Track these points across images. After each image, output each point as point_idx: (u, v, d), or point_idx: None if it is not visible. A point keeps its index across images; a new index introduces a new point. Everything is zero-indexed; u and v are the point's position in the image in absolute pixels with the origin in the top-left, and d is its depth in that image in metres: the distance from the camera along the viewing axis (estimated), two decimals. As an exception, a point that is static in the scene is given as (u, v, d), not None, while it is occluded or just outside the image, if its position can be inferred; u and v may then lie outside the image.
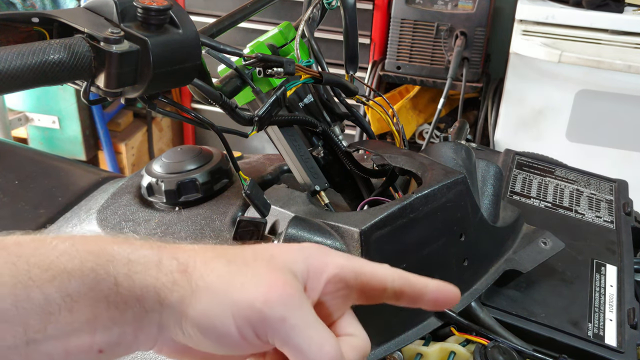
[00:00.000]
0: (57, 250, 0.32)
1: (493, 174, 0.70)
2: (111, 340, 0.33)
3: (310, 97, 0.74)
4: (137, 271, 0.33)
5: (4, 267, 0.31)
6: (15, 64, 0.46)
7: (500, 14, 2.24)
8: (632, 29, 1.77)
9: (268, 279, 0.34)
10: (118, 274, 0.33)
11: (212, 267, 0.35)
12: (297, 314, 0.33)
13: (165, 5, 0.51)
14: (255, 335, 0.33)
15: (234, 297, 0.33)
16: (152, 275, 0.33)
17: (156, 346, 0.35)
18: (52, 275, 0.31)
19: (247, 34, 1.97)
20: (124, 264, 0.33)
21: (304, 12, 0.74)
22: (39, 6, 1.98)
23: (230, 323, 0.33)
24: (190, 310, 0.33)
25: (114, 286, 0.32)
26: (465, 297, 0.61)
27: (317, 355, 0.33)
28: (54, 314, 0.31)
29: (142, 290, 0.33)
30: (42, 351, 0.31)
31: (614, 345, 0.60)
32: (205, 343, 0.34)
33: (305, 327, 0.33)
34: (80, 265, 0.32)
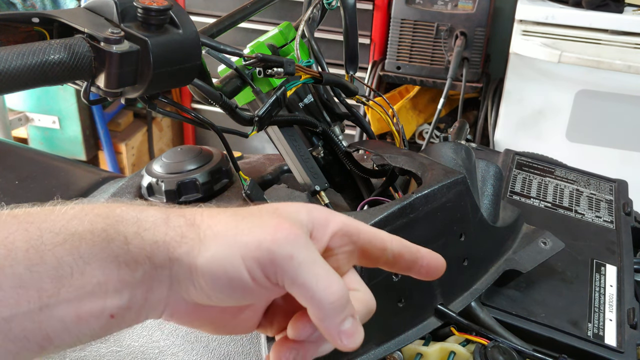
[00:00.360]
0: (67, 215, 0.33)
1: (493, 174, 0.70)
2: (122, 304, 0.33)
3: (310, 97, 0.74)
4: (146, 228, 0.34)
5: (16, 233, 0.31)
6: (16, 64, 0.46)
7: (500, 14, 2.24)
8: (632, 29, 1.78)
9: (274, 223, 0.35)
10: (128, 232, 0.33)
11: (218, 219, 0.35)
12: (305, 252, 0.34)
13: (166, 6, 0.51)
14: (265, 277, 0.34)
15: (242, 240, 0.34)
16: (161, 232, 0.34)
17: (165, 311, 0.36)
18: (63, 238, 0.32)
19: (247, 34, 1.97)
20: (133, 223, 0.34)
21: (304, 12, 0.74)
22: (39, 6, 1.98)
23: (240, 264, 0.33)
24: (200, 259, 0.33)
25: (124, 245, 0.33)
26: (465, 297, 0.61)
27: (325, 291, 0.33)
28: (67, 277, 0.32)
29: (152, 247, 0.33)
30: (55, 317, 0.32)
31: (614, 345, 0.60)
32: (216, 293, 0.34)
33: (313, 265, 0.34)
34: (90, 227, 0.33)
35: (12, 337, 0.31)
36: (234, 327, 0.39)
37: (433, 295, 0.59)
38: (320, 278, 0.34)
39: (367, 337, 0.54)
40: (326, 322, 0.34)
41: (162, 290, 0.34)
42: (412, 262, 0.39)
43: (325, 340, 0.36)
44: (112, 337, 0.61)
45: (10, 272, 0.30)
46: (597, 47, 1.80)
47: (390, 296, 0.55)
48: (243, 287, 0.34)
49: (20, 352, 0.32)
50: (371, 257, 0.39)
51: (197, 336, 0.58)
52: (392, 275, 0.54)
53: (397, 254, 0.38)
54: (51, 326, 0.32)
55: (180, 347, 0.58)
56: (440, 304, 0.59)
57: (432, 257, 0.40)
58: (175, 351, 0.58)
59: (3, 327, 0.30)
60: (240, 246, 0.34)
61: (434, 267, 0.40)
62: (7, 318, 0.30)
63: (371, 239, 0.38)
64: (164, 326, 0.60)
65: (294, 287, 0.34)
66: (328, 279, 0.34)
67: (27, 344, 0.32)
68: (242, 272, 0.33)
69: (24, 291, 0.31)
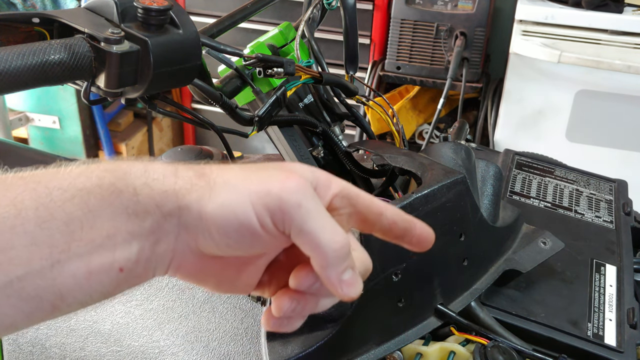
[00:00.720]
0: (74, 173, 0.33)
1: (493, 174, 0.70)
2: (130, 257, 0.34)
3: (310, 97, 0.74)
4: (154, 178, 0.34)
5: (24, 193, 0.31)
6: (16, 64, 0.46)
7: (500, 14, 2.24)
8: (631, 29, 1.78)
9: (284, 174, 0.36)
10: (136, 184, 0.34)
11: (228, 170, 0.36)
12: (312, 202, 0.35)
13: (166, 6, 0.51)
14: (273, 224, 0.34)
15: (252, 188, 0.35)
16: (170, 181, 0.34)
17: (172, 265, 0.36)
18: (72, 194, 0.32)
19: (247, 34, 1.97)
20: (141, 175, 0.34)
21: (304, 12, 0.74)
22: (39, 6, 1.98)
23: (250, 211, 0.34)
24: (210, 205, 0.34)
25: (134, 196, 0.33)
26: (465, 297, 0.61)
27: (330, 239, 0.34)
28: (77, 231, 0.32)
29: (161, 196, 0.34)
30: (67, 273, 0.32)
31: (614, 345, 0.60)
32: (225, 240, 0.34)
33: (319, 215, 0.35)
34: (98, 182, 0.33)
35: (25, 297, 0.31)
36: (235, 284, 0.39)
37: (433, 295, 0.59)
38: (326, 227, 0.35)
39: (367, 337, 0.54)
40: (328, 270, 0.35)
41: (169, 241, 0.35)
42: (405, 230, 0.40)
43: (324, 294, 0.37)
44: (112, 337, 0.62)
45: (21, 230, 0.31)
46: (597, 47, 1.80)
47: (390, 296, 0.55)
48: (251, 235, 0.35)
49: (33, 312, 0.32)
50: (368, 222, 0.40)
51: (197, 336, 0.58)
52: (392, 275, 0.54)
53: (392, 221, 0.40)
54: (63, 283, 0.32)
55: (180, 347, 0.58)
56: (440, 304, 0.59)
57: (424, 229, 0.41)
58: (175, 351, 0.58)
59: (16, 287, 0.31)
60: (250, 193, 0.34)
61: (424, 237, 0.41)
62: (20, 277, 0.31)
63: (368, 204, 0.39)
64: (164, 326, 0.60)
65: (300, 235, 0.35)
66: (333, 229, 0.35)
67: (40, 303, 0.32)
68: (252, 218, 0.34)
69: (36, 248, 0.31)
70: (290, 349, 0.50)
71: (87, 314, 0.63)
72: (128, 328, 0.61)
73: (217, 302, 0.59)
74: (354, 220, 0.40)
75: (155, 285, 0.62)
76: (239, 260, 0.38)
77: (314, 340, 0.50)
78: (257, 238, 0.35)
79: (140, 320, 0.61)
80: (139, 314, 0.61)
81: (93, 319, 0.63)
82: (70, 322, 0.64)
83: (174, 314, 0.60)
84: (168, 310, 0.60)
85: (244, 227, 0.34)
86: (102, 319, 0.62)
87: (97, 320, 0.63)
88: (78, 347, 0.63)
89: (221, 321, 0.58)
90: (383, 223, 0.40)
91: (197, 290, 0.60)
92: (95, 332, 0.62)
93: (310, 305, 0.38)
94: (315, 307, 0.38)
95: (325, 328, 0.51)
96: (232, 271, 0.39)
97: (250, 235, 0.35)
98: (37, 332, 0.65)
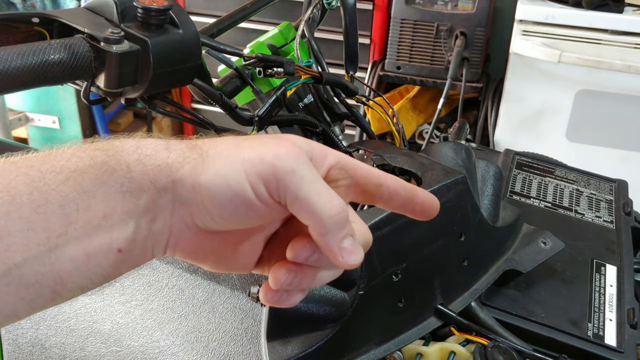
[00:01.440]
0: (66, 154, 0.33)
1: (493, 174, 0.70)
2: (128, 236, 0.33)
3: (310, 97, 0.74)
4: (147, 154, 0.34)
5: (17, 178, 0.31)
6: (16, 64, 0.46)
7: (500, 14, 2.24)
8: (632, 29, 1.78)
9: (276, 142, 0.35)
10: (129, 161, 0.33)
11: (219, 141, 0.36)
12: (306, 168, 0.34)
13: (166, 6, 0.51)
14: (267, 193, 0.34)
15: (245, 156, 0.34)
16: (162, 156, 0.34)
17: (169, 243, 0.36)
18: (65, 176, 0.32)
19: (247, 34, 1.97)
20: (134, 151, 0.34)
21: (304, 12, 0.74)
22: (39, 6, 1.98)
23: (244, 179, 0.33)
24: (203, 176, 0.34)
25: (127, 173, 0.33)
26: (465, 297, 0.61)
27: (326, 204, 0.33)
28: (73, 214, 0.32)
29: (155, 171, 0.33)
30: (65, 257, 0.32)
31: (614, 345, 0.60)
32: (219, 211, 0.34)
33: (314, 181, 0.34)
34: (91, 162, 0.33)
35: (25, 283, 0.31)
36: (234, 261, 0.39)
37: (433, 295, 0.59)
38: (321, 193, 0.34)
39: (367, 337, 0.54)
40: (327, 237, 0.34)
41: (165, 218, 0.34)
42: (408, 199, 0.39)
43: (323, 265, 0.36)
44: (112, 337, 0.62)
45: (16, 216, 0.30)
46: (597, 47, 1.80)
47: (390, 296, 0.55)
48: (246, 204, 0.34)
49: (34, 299, 0.32)
50: (367, 193, 0.39)
51: (197, 336, 0.58)
52: (392, 275, 0.54)
53: (393, 191, 0.39)
54: (62, 267, 0.32)
55: (180, 347, 0.58)
56: (440, 304, 0.59)
57: (427, 196, 0.40)
58: (175, 351, 0.58)
59: (15, 274, 0.30)
60: (243, 162, 0.34)
61: (428, 205, 0.40)
62: (18, 264, 0.30)
63: (367, 175, 0.38)
64: (164, 326, 0.60)
65: (295, 203, 0.34)
66: (329, 194, 0.34)
67: (40, 289, 0.31)
68: (246, 187, 0.33)
69: (33, 234, 0.31)
70: (290, 349, 0.50)
71: (87, 314, 0.63)
72: (128, 328, 0.61)
73: (217, 302, 0.59)
74: (353, 192, 0.39)
75: (155, 285, 0.62)
76: (236, 235, 0.37)
77: (314, 340, 0.50)
78: (252, 208, 0.34)
79: (140, 320, 0.61)
80: (139, 314, 0.61)
81: (93, 319, 0.63)
82: (70, 322, 0.64)
83: (174, 314, 0.60)
84: (168, 310, 0.60)
85: (237, 197, 0.34)
86: (102, 319, 0.62)
87: (97, 320, 0.63)
88: (78, 347, 0.63)
89: (221, 321, 0.58)
90: (384, 193, 0.39)
91: (197, 290, 0.60)
92: (95, 332, 0.62)
93: (308, 278, 0.37)
94: (314, 280, 0.37)
95: (325, 328, 0.51)
96: (230, 247, 0.38)
97: (244, 206, 0.34)
98: (37, 332, 0.65)
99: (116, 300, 0.62)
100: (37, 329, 0.65)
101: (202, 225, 0.35)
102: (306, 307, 0.50)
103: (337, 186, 0.38)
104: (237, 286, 0.59)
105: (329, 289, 0.51)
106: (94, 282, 0.34)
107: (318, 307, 0.50)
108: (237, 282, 0.59)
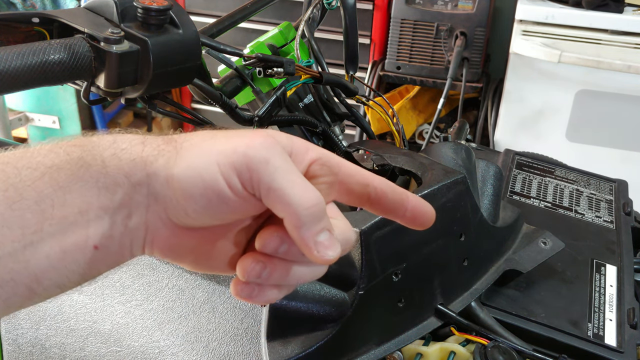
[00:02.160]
0: (43, 151, 0.33)
1: (493, 174, 0.70)
2: (104, 232, 0.33)
3: (310, 97, 0.74)
4: (123, 149, 0.33)
5: None
6: (16, 64, 0.46)
7: (500, 14, 2.24)
8: (632, 29, 1.78)
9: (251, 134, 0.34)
10: (105, 155, 0.33)
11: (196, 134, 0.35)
12: (280, 159, 0.33)
13: (165, 6, 0.51)
14: (241, 184, 0.33)
15: (218, 148, 0.33)
16: (137, 150, 0.34)
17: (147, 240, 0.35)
18: (41, 172, 0.32)
19: (247, 34, 1.97)
20: (109, 146, 0.33)
21: (304, 12, 0.74)
22: (39, 6, 1.98)
23: (216, 171, 0.33)
24: (176, 169, 0.33)
25: (103, 168, 0.32)
26: (465, 297, 0.61)
27: (301, 196, 0.32)
28: (48, 210, 0.31)
29: (130, 165, 0.33)
30: (41, 254, 0.31)
31: (614, 345, 0.60)
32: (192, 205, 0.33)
33: (289, 172, 0.33)
34: (67, 157, 0.32)
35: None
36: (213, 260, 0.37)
37: (433, 295, 0.59)
38: (296, 184, 0.33)
39: (367, 337, 0.54)
40: (302, 230, 0.33)
41: (140, 213, 0.34)
42: (397, 203, 0.38)
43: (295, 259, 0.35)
44: (112, 337, 0.62)
45: None
46: (597, 47, 1.80)
47: (390, 296, 0.55)
48: (219, 198, 0.33)
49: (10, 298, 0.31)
50: (353, 193, 0.37)
51: (197, 336, 0.58)
52: (392, 275, 0.54)
53: (381, 192, 0.37)
54: (37, 265, 0.31)
55: (180, 347, 0.58)
56: (440, 304, 0.59)
57: (419, 203, 0.38)
58: (175, 351, 0.58)
59: None
60: (216, 153, 0.33)
61: (420, 212, 0.38)
62: None
63: (352, 174, 0.37)
64: (164, 326, 0.60)
65: (269, 194, 0.33)
66: (304, 185, 0.33)
67: (15, 287, 0.31)
68: (218, 178, 0.33)
69: (8, 230, 0.30)
70: (290, 349, 0.50)
71: (87, 314, 0.63)
72: (128, 328, 0.61)
73: (217, 302, 0.59)
74: (336, 191, 0.37)
75: (155, 285, 0.62)
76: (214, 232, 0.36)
77: (314, 340, 0.50)
78: (226, 201, 0.33)
79: (140, 320, 0.61)
80: (139, 314, 0.61)
81: (93, 319, 0.63)
82: (70, 322, 0.64)
83: (174, 314, 0.60)
84: (168, 310, 0.60)
85: (210, 190, 0.33)
86: (102, 319, 0.62)
87: (97, 320, 0.62)
88: (78, 347, 0.63)
89: (221, 321, 0.58)
90: (371, 194, 0.37)
91: (197, 290, 0.60)
92: (95, 332, 0.62)
93: (279, 271, 0.35)
94: (287, 274, 0.35)
95: (325, 328, 0.51)
96: (208, 245, 0.37)
97: (217, 199, 0.33)
98: (37, 332, 0.65)
99: (116, 300, 0.62)
100: (37, 329, 0.65)
101: (177, 221, 0.34)
102: (306, 307, 0.50)
103: (318, 183, 0.36)
104: (237, 286, 0.59)
105: (329, 289, 0.51)
106: (71, 280, 0.33)
107: (318, 307, 0.50)
108: (237, 282, 0.59)
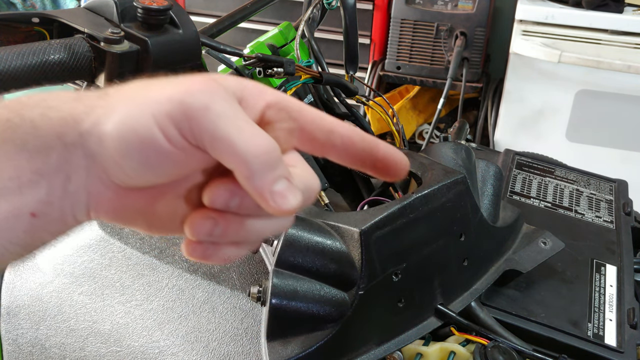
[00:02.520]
0: None
1: (493, 174, 0.70)
2: (40, 198, 0.30)
3: (310, 97, 0.74)
4: (52, 106, 0.30)
5: None
6: (16, 64, 0.46)
7: (500, 14, 2.24)
8: (632, 29, 1.78)
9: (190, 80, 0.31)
10: (33, 115, 0.30)
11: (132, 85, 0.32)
12: (223, 104, 0.30)
13: (166, 6, 0.51)
14: (180, 135, 0.30)
15: (152, 97, 0.30)
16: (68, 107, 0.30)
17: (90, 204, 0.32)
18: None
19: (247, 34, 1.97)
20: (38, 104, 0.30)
21: (304, 12, 0.74)
22: (39, 6, 1.98)
23: (151, 123, 0.29)
24: (109, 124, 0.30)
25: (32, 129, 0.30)
26: (465, 297, 0.61)
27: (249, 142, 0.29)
28: None
29: (60, 123, 0.30)
30: None
31: (614, 345, 0.60)
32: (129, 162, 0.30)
33: (234, 118, 0.30)
34: None
35: None
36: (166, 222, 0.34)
37: (433, 295, 0.59)
38: (243, 130, 0.29)
39: (367, 337, 0.54)
40: (254, 180, 0.29)
41: (80, 177, 0.31)
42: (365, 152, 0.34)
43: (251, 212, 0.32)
44: (112, 337, 0.62)
45: None
46: (597, 47, 1.80)
47: (390, 296, 0.55)
48: (158, 152, 0.30)
49: None
50: (316, 141, 0.34)
51: (197, 336, 0.58)
52: (392, 275, 0.54)
53: (347, 140, 0.34)
54: None
55: (180, 347, 0.58)
56: (440, 304, 0.59)
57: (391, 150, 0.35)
58: (175, 351, 0.58)
59: None
60: (150, 103, 0.30)
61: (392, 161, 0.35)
62: None
63: (315, 119, 0.33)
64: (164, 326, 0.60)
65: (214, 144, 0.29)
66: (253, 131, 0.30)
67: None
68: (154, 131, 0.29)
69: None
70: (290, 349, 0.50)
71: (87, 314, 0.63)
72: (128, 328, 0.61)
73: (217, 302, 0.59)
74: (297, 139, 0.34)
75: (155, 285, 0.62)
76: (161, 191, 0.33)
77: (314, 340, 0.50)
78: (166, 155, 0.30)
79: (140, 320, 0.61)
80: (139, 314, 0.61)
81: (93, 319, 0.63)
82: (70, 322, 0.64)
83: (174, 314, 0.60)
84: (168, 310, 0.60)
85: (146, 144, 0.29)
86: (102, 319, 0.62)
87: (97, 320, 0.63)
88: (78, 347, 0.63)
89: (221, 321, 0.58)
90: (336, 142, 0.33)
91: (197, 290, 0.60)
92: (95, 332, 0.62)
93: (234, 227, 0.32)
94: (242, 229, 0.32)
95: (325, 328, 0.51)
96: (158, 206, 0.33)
97: (156, 154, 0.30)
98: (37, 332, 0.65)
99: (116, 300, 0.62)
100: (37, 329, 0.65)
101: (119, 182, 0.31)
102: (306, 307, 0.50)
103: (275, 129, 0.33)
104: (237, 286, 0.59)
105: (329, 288, 0.51)
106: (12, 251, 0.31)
107: (318, 307, 0.50)
108: (237, 282, 0.59)
